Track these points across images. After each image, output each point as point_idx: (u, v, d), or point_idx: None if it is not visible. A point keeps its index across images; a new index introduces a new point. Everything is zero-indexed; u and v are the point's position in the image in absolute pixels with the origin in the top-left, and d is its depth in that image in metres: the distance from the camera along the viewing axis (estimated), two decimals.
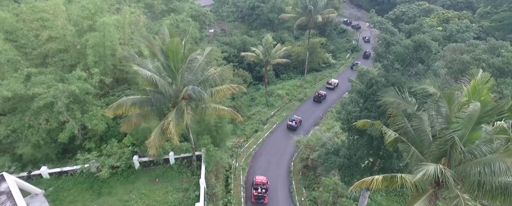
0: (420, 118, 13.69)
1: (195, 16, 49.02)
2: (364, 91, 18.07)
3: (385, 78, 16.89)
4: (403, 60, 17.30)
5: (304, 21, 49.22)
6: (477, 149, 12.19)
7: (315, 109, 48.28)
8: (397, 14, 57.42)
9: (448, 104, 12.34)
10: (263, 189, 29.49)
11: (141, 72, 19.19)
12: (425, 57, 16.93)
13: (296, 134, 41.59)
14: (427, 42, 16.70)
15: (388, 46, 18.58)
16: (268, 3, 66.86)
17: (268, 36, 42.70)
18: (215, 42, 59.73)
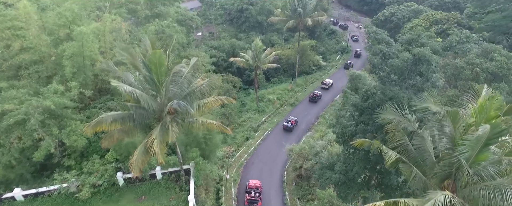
0: (422, 137, 12.76)
1: (181, 20, 47.41)
2: (359, 105, 17.15)
3: (382, 92, 15.99)
4: (401, 73, 16.44)
5: (294, 24, 48.29)
6: (485, 171, 11.33)
7: (311, 109, 47.96)
8: (386, 15, 57.23)
9: (453, 123, 11.43)
10: (257, 193, 29.22)
11: (121, 88, 17.73)
12: (425, 70, 16.11)
13: (292, 135, 41.87)
14: (428, 56, 15.82)
15: (384, 57, 17.70)
16: (257, 6, 65.71)
17: (257, 41, 41.56)
18: (203, 46, 58.20)
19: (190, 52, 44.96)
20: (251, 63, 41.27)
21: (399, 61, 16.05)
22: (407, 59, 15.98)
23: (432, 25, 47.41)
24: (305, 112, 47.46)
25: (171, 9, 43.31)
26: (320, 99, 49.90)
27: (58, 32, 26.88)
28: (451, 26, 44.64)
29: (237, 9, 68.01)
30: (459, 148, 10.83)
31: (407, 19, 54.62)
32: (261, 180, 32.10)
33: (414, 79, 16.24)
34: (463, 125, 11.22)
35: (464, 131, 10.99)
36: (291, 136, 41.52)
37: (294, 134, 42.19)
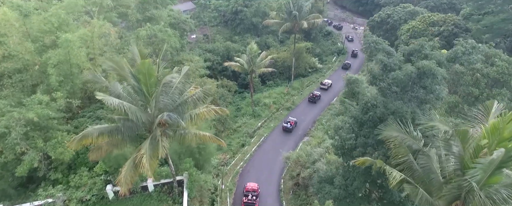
0: (428, 156, 11.91)
1: (174, 24, 46.26)
2: (359, 118, 16.33)
3: (384, 105, 15.17)
4: (403, 86, 15.59)
5: (289, 27, 47.44)
6: (497, 194, 10.52)
7: (310, 109, 48.03)
8: (382, 17, 56.68)
9: (462, 143, 10.60)
10: (254, 196, 28.97)
11: (106, 101, 16.67)
12: (430, 84, 15.31)
13: (291, 136, 41.20)
14: (433, 69, 14.99)
15: (385, 68, 16.86)
16: (251, 8, 64.76)
17: (252, 45, 40.62)
18: (197, 49, 57.10)
19: (184, 57, 43.93)
20: (246, 68, 40.31)
21: (402, 74, 15.23)
22: (411, 73, 15.16)
23: (429, 27, 46.89)
24: (304, 112, 47.45)
25: (163, 12, 42.16)
26: (320, 100, 50.08)
27: (43, 39, 25.66)
28: (448, 28, 44.15)
29: (232, 11, 67.01)
30: (470, 170, 10.01)
31: (403, 20, 54.11)
32: None
33: (417, 91, 15.46)
34: (473, 145, 10.39)
35: (474, 153, 10.16)
36: (290, 137, 41.10)
37: (293, 134, 41.60)
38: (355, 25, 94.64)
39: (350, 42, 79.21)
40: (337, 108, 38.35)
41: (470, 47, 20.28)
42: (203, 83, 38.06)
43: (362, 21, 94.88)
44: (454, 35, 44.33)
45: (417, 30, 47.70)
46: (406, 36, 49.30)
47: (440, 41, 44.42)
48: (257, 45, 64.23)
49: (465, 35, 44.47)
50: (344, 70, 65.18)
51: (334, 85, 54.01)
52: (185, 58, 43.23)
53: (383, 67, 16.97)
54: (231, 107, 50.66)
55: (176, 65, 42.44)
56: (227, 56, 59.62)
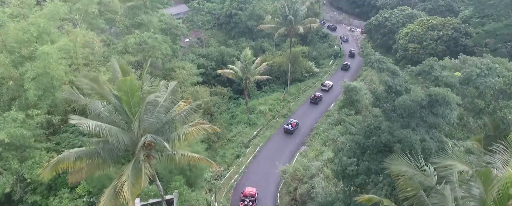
0: (442, 194, 10.42)
1: (166, 29, 44.56)
2: (362, 143, 14.90)
3: (389, 131, 13.69)
4: (411, 113, 14.04)
5: (285, 32, 45.98)
6: None
7: (312, 111, 47.83)
8: (380, 20, 55.50)
9: (484, 185, 9.13)
10: (251, 201, 28.54)
11: (82, 126, 15.03)
12: (442, 113, 13.82)
13: (293, 138, 41.16)
14: (448, 97, 13.42)
15: (390, 91, 15.37)
16: (246, 11, 63.24)
17: (246, 51, 39.07)
18: (190, 55, 55.40)
19: (176, 64, 42.27)
20: (240, 75, 38.75)
21: (410, 100, 13.73)
22: (421, 101, 13.67)
23: (428, 31, 45.73)
24: (306, 113, 47.15)
25: (153, 18, 40.42)
26: (321, 101, 49.75)
27: (20, 50, 23.87)
28: (448, 32, 43.01)
29: (226, 14, 65.44)
30: None
31: (401, 24, 52.95)
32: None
33: (426, 116, 13.97)
34: (498, 188, 8.92)
35: (500, 199, 8.69)
36: (289, 143, 40.31)
37: (294, 136, 41.25)
38: (352, 27, 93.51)
39: (345, 42, 78.96)
40: (335, 117, 37.02)
41: (485, 68, 18.84)
42: (196, 92, 36.50)
43: (359, 23, 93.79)
44: (454, 39, 43.21)
45: (416, 34, 46.53)
46: (405, 41, 48.11)
47: (440, 45, 43.33)
48: (252, 49, 63.04)
49: (465, 39, 43.38)
50: (343, 71, 64.93)
51: (335, 86, 53.95)
52: (177, 65, 41.59)
53: (387, 89, 15.49)
54: (225, 114, 49.11)
55: (168, 72, 40.86)
56: (221, 61, 58.04)
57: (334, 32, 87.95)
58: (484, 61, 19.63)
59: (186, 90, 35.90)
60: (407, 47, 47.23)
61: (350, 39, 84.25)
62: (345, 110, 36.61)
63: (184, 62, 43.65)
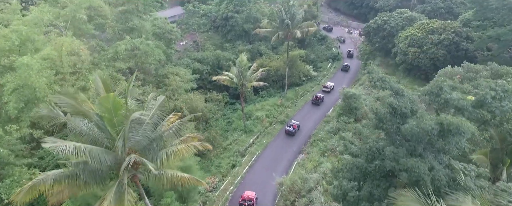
0: None
1: (159, 34, 43.21)
2: (363, 167, 13.69)
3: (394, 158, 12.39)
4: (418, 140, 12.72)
5: (281, 36, 44.77)
6: None
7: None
8: (379, 23, 54.42)
9: None
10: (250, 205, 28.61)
11: (56, 150, 13.73)
12: (455, 143, 12.53)
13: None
14: (462, 127, 12.07)
15: (395, 113, 14.08)
16: (243, 13, 61.96)
17: (242, 57, 37.79)
18: (185, 59, 54.04)
19: (169, 70, 40.89)
20: (235, 82, 37.48)
21: (417, 128, 12.40)
22: (431, 130, 12.34)
23: (428, 34, 44.65)
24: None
25: (146, 23, 39.05)
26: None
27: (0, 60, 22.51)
28: (449, 37, 41.95)
29: (222, 17, 64.14)
30: None
31: (400, 27, 51.87)
32: None
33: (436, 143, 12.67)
34: None
35: None
36: (289, 147, 39.66)
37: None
38: (350, 28, 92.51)
39: (342, 43, 79.24)
40: (334, 124, 35.83)
41: (501, 90, 17.52)
42: (189, 100, 35.19)
43: (357, 25, 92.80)
44: (455, 44, 42.14)
45: (416, 38, 45.44)
46: (404, 44, 47.01)
47: (441, 50, 42.27)
48: (249, 52, 61.93)
49: (466, 43, 42.33)
50: (343, 72, 64.25)
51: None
52: (170, 71, 40.24)
53: (391, 111, 14.22)
54: (221, 120, 47.83)
55: (161, 79, 39.51)
56: (217, 65, 56.79)
57: (330, 33, 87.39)
58: (499, 83, 18.36)
59: (179, 98, 34.57)
60: (406, 51, 46.14)
61: (349, 41, 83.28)
62: (344, 117, 35.44)
63: (178, 68, 42.30)
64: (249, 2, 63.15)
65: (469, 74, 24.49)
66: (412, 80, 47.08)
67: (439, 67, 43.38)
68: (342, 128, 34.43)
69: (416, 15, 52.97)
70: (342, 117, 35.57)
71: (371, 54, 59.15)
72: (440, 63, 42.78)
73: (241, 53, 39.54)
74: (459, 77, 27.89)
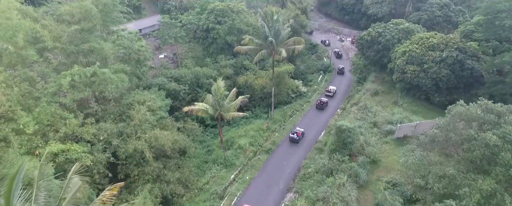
0: None
1: (126, 55, 37.48)
2: None
3: None
4: None
5: (265, 55, 39.64)
6: None
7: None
8: (373, 36, 49.79)
9: None
10: None
11: None
12: None
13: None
14: None
15: None
16: (225, 25, 56.60)
17: (219, 84, 32.43)
18: (160, 78, 48.47)
19: (136, 97, 35.27)
20: (211, 113, 32.14)
21: None
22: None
23: (429, 51, 40.09)
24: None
25: (105, 44, 33.32)
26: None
27: None
28: (452, 54, 37.42)
29: (203, 29, 58.65)
30: None
31: (396, 40, 47.31)
32: None
33: None
34: None
35: None
36: (280, 174, 36.17)
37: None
38: (342, 36, 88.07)
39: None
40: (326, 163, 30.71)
41: None
42: (154, 138, 29.69)
43: (348, 32, 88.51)
44: (459, 62, 37.64)
45: (415, 55, 40.82)
46: (402, 61, 42.36)
47: (444, 69, 37.71)
48: (233, 67, 56.64)
49: (471, 61, 37.85)
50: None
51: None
52: (137, 99, 34.65)
53: None
54: (200, 149, 42.43)
55: (124, 110, 33.91)
56: (196, 83, 51.38)
57: (311, 35, 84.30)
58: None
59: (142, 137, 29.07)
60: (405, 69, 41.50)
61: (341, 50, 78.87)
62: (337, 155, 30.45)
63: (148, 93, 36.68)
64: (232, 12, 57.78)
65: (490, 117, 19.86)
66: (411, 100, 42.49)
67: (441, 88, 38.92)
68: (335, 168, 29.44)
69: (413, 27, 48.48)
70: (335, 154, 30.59)
71: (365, 68, 54.47)
72: (443, 84, 38.25)
73: (218, 79, 34.19)
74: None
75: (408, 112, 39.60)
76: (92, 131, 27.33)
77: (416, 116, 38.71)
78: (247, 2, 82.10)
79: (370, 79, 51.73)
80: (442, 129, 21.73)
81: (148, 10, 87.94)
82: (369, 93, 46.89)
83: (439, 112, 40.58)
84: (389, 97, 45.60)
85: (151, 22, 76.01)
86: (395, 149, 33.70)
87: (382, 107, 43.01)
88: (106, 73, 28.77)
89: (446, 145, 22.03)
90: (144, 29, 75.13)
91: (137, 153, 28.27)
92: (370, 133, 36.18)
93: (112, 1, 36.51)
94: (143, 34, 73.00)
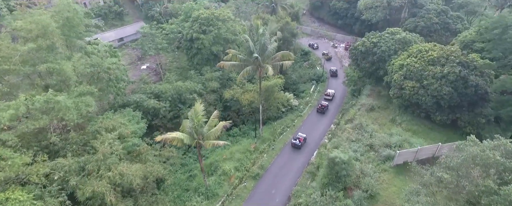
0: None
1: (94, 74, 33.28)
2: None
3: None
4: None
5: (250, 72, 35.90)
6: None
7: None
8: (367, 46, 46.39)
9: None
10: None
11: None
12: None
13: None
14: None
15: None
16: (210, 34, 52.71)
17: (196, 108, 28.57)
18: (138, 95, 44.46)
19: (104, 123, 31.12)
20: (188, 143, 28.23)
21: None
22: None
23: (428, 65, 36.78)
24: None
25: (66, 65, 29.12)
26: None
27: None
28: (454, 70, 34.15)
29: (187, 38, 54.70)
30: None
31: (393, 51, 43.97)
32: None
33: None
34: None
35: None
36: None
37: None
38: (335, 42, 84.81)
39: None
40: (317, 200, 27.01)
41: None
42: (120, 176, 25.69)
43: (342, 37, 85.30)
44: (462, 79, 34.38)
45: (414, 69, 37.50)
46: (399, 76, 39.05)
47: (445, 86, 34.44)
48: (219, 80, 52.80)
49: (475, 77, 34.63)
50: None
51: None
52: (104, 125, 30.59)
53: None
54: (180, 174, 38.54)
55: (89, 139, 29.86)
56: (179, 100, 47.41)
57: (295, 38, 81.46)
58: None
59: (104, 176, 25.08)
60: (403, 84, 38.16)
61: (334, 57, 75.66)
62: (330, 190, 26.81)
63: (117, 118, 32.63)
64: (218, 21, 53.94)
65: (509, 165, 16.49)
66: (410, 118, 39.13)
67: (443, 106, 35.64)
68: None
69: (410, 37, 45.19)
70: (327, 190, 26.94)
71: (360, 80, 51.10)
72: (445, 102, 34.98)
73: (196, 102, 30.19)
74: None
75: (407, 133, 36.26)
76: (43, 171, 23.33)
77: (416, 137, 35.37)
78: (235, 8, 78.54)
79: (365, 93, 48.36)
80: (452, 174, 18.27)
81: (132, 16, 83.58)
82: (364, 109, 43.49)
83: (440, 132, 37.33)
84: (386, 113, 42.24)
85: (134, 29, 71.81)
86: (395, 178, 30.26)
87: (379, 125, 39.61)
88: (61, 102, 24.72)
89: (457, 190, 18.59)
90: (127, 38, 70.95)
91: (98, 195, 24.28)
92: (367, 158, 32.72)
93: (76, 14, 32.43)
94: (125, 43, 68.80)
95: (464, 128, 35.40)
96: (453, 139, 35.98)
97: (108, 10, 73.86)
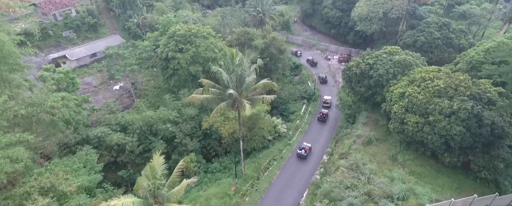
0: None
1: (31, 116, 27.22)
2: None
3: None
4: None
5: (226, 108, 30.17)
6: None
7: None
8: (363, 69, 41.06)
9: None
10: None
11: None
12: None
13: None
14: None
15: None
16: (188, 53, 46.98)
17: (155, 164, 22.80)
18: (100, 128, 38.49)
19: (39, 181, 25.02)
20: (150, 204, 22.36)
21: None
22: None
23: (434, 97, 31.55)
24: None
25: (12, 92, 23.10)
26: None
27: None
28: (466, 106, 28.96)
29: (161, 57, 48.88)
30: None
31: (392, 75, 38.72)
32: None
33: None
34: None
35: None
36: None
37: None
38: (328, 53, 79.57)
39: (299, 57, 76.03)
40: None
41: None
42: None
43: (335, 48, 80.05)
44: (475, 117, 29.10)
45: (417, 102, 32.17)
46: (400, 108, 33.76)
47: (456, 125, 29.14)
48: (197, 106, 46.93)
49: (490, 112, 29.40)
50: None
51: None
52: (38, 184, 24.49)
53: None
54: None
55: (18, 201, 23.85)
56: (149, 132, 41.46)
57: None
58: None
59: None
60: (404, 118, 32.86)
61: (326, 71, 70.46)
62: None
63: (58, 171, 26.59)
64: (196, 38, 48.22)
65: None
66: (414, 157, 33.86)
67: (452, 148, 30.35)
68: None
69: (411, 59, 39.91)
70: None
71: (355, 105, 45.76)
72: (455, 143, 29.70)
73: (155, 153, 24.22)
74: None
75: (411, 178, 30.92)
76: None
77: (423, 183, 30.07)
78: (221, 17, 72.89)
79: (361, 121, 42.98)
80: None
81: (109, 27, 77.17)
82: (360, 142, 38.10)
83: (450, 176, 32.05)
84: (385, 148, 36.91)
85: (108, 43, 65.40)
86: None
87: (377, 164, 34.25)
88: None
89: None
90: (100, 53, 64.53)
91: None
92: None
93: (6, 44, 26.40)
94: (98, 58, 62.54)
95: (478, 172, 30.20)
96: (466, 184, 30.78)
97: (81, 22, 67.48)
